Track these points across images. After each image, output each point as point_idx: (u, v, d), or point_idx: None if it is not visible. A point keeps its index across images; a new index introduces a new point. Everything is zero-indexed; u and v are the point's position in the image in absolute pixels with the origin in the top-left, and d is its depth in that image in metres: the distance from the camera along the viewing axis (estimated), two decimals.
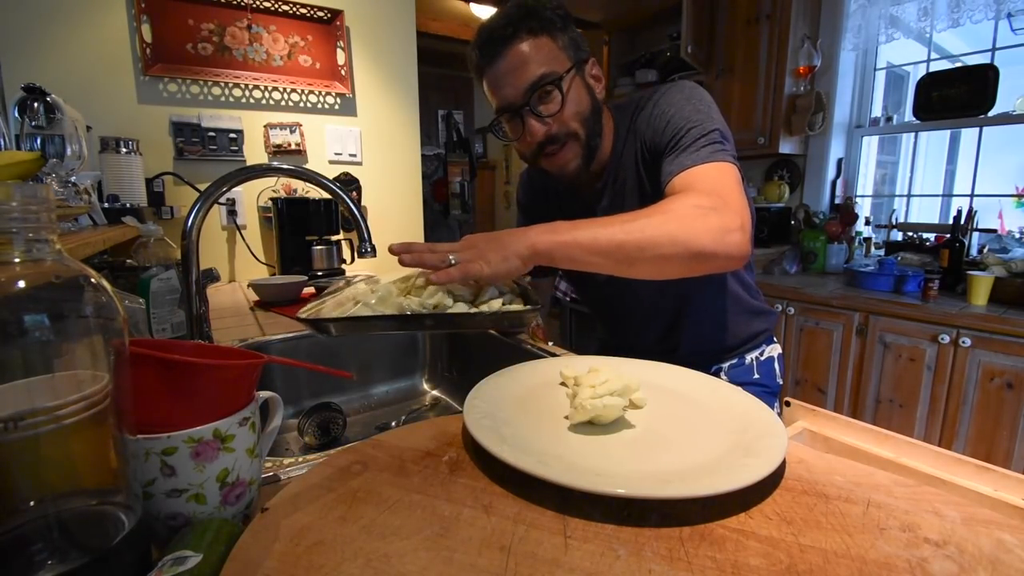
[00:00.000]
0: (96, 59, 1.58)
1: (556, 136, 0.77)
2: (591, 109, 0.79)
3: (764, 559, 0.32)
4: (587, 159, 0.80)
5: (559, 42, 0.75)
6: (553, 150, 0.78)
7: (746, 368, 0.94)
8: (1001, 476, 0.52)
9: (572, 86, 0.76)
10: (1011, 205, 2.26)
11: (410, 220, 2.23)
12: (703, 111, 0.73)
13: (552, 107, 0.75)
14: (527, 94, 0.74)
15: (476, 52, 0.77)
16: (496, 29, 0.74)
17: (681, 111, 0.74)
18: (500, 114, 0.79)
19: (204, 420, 0.37)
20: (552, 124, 0.76)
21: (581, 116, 0.78)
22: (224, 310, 1.31)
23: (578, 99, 0.77)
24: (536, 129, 0.76)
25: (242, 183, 0.85)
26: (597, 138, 0.80)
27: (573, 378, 0.54)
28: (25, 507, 0.29)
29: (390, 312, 0.57)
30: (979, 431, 1.66)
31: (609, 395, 0.47)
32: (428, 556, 0.32)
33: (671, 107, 0.75)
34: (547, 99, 0.75)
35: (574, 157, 0.79)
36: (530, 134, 0.77)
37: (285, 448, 0.90)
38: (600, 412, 0.47)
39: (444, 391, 1.15)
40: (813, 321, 2.02)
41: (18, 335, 0.28)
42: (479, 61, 0.77)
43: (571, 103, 0.76)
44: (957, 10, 2.06)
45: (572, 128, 0.77)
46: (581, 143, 0.79)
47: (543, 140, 0.77)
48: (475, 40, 0.77)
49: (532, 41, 0.73)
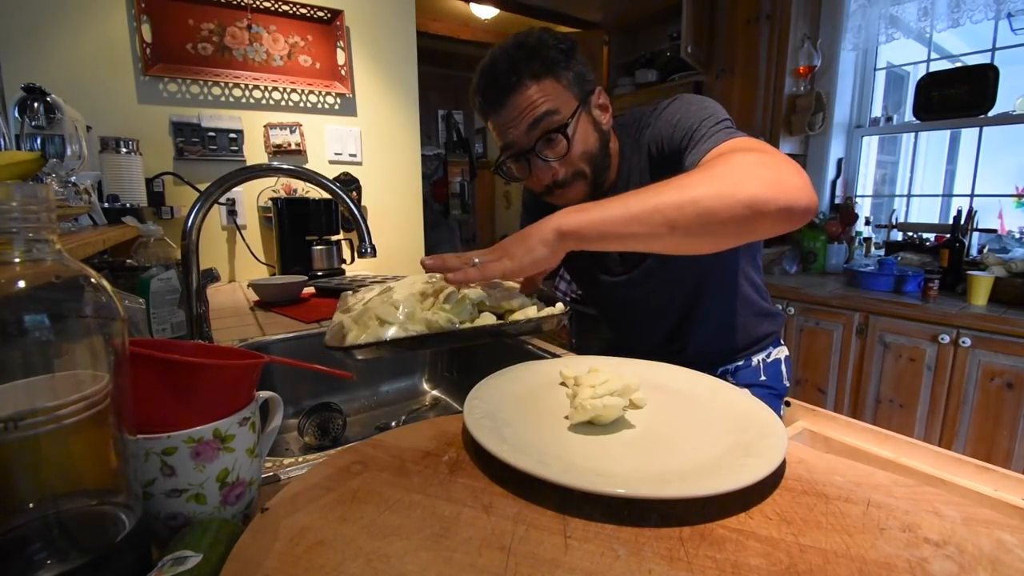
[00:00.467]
0: (96, 59, 1.58)
1: (563, 180, 0.76)
2: (599, 144, 0.77)
3: (764, 559, 0.32)
4: (593, 194, 0.79)
5: (563, 81, 0.73)
6: (560, 192, 0.78)
7: (753, 370, 0.93)
8: (1001, 476, 0.52)
9: (578, 126, 0.74)
10: (1011, 205, 2.26)
11: (410, 220, 2.23)
12: (709, 108, 0.72)
13: (559, 151, 0.74)
14: (533, 140, 0.73)
15: (480, 98, 0.76)
16: (500, 76, 0.72)
17: (687, 113, 0.73)
18: (505, 153, 0.78)
19: (204, 420, 0.37)
20: (559, 168, 0.75)
21: (588, 155, 0.76)
22: (224, 310, 1.31)
23: (585, 138, 0.76)
24: (543, 174, 0.75)
25: (242, 183, 0.85)
26: (605, 172, 0.79)
27: (573, 378, 0.54)
28: (25, 507, 0.29)
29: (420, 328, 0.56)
30: (979, 431, 1.66)
31: (609, 395, 0.47)
32: (428, 556, 0.32)
33: (676, 113, 0.74)
34: (553, 144, 0.74)
35: (580, 194, 0.78)
36: (538, 178, 0.76)
37: (285, 448, 0.90)
38: (600, 412, 0.47)
39: (444, 391, 1.15)
40: (813, 321, 2.02)
41: (18, 335, 0.27)
42: (483, 107, 0.76)
43: (578, 144, 0.75)
44: (957, 10, 2.06)
45: (580, 168, 0.76)
46: (588, 181, 0.78)
47: (550, 184, 0.77)
48: (477, 84, 0.76)
49: (536, 86, 0.72)
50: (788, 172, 0.55)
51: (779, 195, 0.53)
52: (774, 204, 0.53)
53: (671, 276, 0.86)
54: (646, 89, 2.95)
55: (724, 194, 0.53)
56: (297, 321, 1.16)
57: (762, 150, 0.60)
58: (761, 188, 0.53)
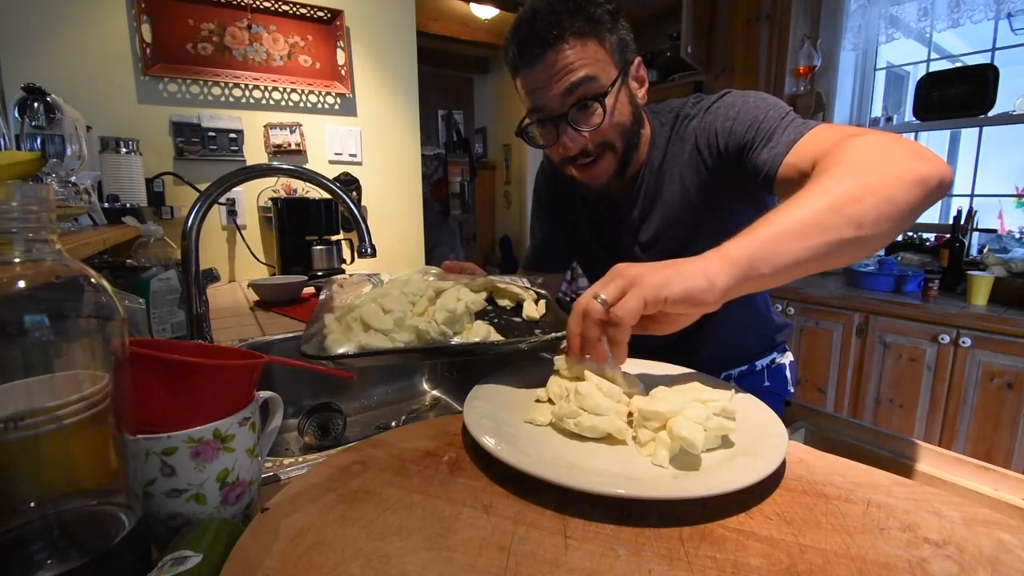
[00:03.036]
0: (96, 59, 1.58)
1: (591, 150, 0.71)
2: (632, 119, 0.73)
3: (764, 559, 0.32)
4: (620, 171, 0.75)
5: (607, 45, 0.68)
6: (586, 162, 0.73)
7: (757, 375, 0.92)
8: (1001, 476, 0.52)
9: (618, 95, 0.69)
10: (1011, 205, 2.26)
11: (410, 220, 2.23)
12: (769, 99, 0.67)
13: (593, 121, 0.69)
14: (566, 102, 0.68)
15: (514, 49, 0.69)
16: (540, 28, 0.65)
17: (745, 106, 0.67)
18: (532, 115, 0.72)
19: (204, 420, 0.37)
20: (589, 137, 0.70)
21: (621, 128, 0.71)
22: (224, 310, 1.31)
23: (620, 111, 0.70)
24: (572, 142, 0.70)
25: (242, 183, 0.85)
26: (634, 150, 0.75)
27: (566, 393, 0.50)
28: (25, 507, 0.29)
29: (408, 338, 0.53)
30: (979, 431, 1.66)
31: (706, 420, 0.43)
32: (428, 556, 0.32)
33: (732, 107, 0.68)
34: (588, 113, 0.69)
35: (607, 170, 0.74)
36: (564, 147, 0.71)
37: (285, 448, 0.90)
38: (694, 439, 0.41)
39: (444, 391, 1.14)
40: (813, 321, 2.02)
41: (18, 335, 0.27)
42: (516, 60, 0.69)
43: (613, 116, 0.69)
44: (957, 10, 2.06)
45: (610, 140, 0.72)
46: (617, 156, 0.73)
47: (576, 154, 0.72)
48: (513, 34, 0.68)
49: (579, 46, 0.66)
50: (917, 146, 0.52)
51: (933, 169, 0.50)
52: (935, 178, 0.50)
53: None
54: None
55: (890, 176, 0.49)
56: (297, 321, 1.15)
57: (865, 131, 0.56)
58: (918, 165, 0.49)
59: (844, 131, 0.58)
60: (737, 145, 0.67)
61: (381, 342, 0.53)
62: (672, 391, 0.48)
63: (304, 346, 0.53)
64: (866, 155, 0.51)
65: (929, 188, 0.50)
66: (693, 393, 0.47)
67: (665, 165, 0.77)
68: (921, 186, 0.49)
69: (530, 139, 0.76)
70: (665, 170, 0.77)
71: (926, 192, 0.49)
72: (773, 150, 0.62)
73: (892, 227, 0.50)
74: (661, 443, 0.42)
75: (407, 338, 0.54)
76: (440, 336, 0.54)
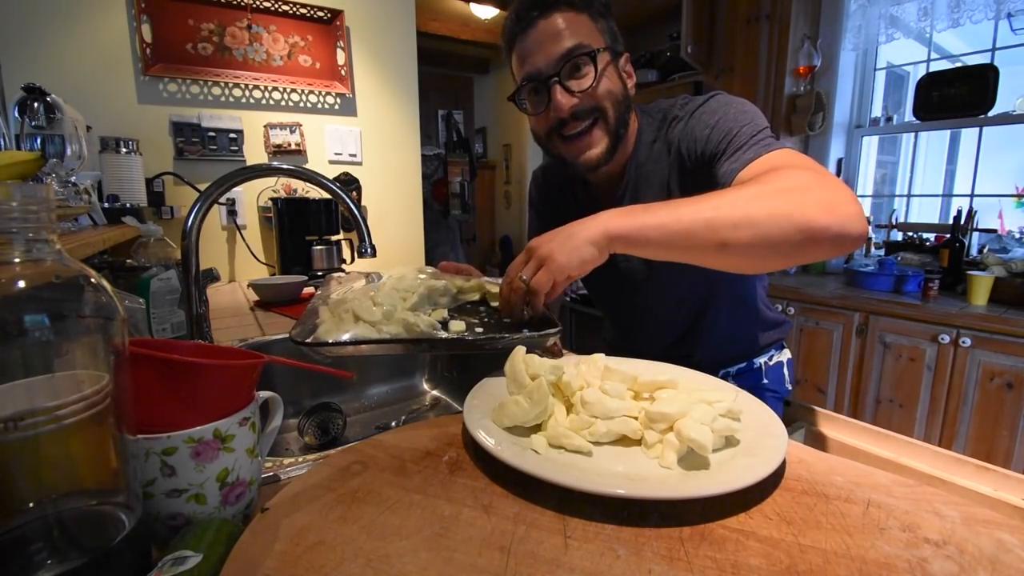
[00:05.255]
0: (96, 59, 1.58)
1: (582, 111, 0.72)
2: (623, 94, 0.75)
3: (764, 559, 0.32)
4: (611, 148, 0.75)
5: (599, 24, 0.73)
6: (576, 130, 0.74)
7: (754, 373, 0.92)
8: (1001, 476, 0.52)
9: (607, 67, 0.73)
10: (1011, 205, 2.26)
11: (410, 220, 2.23)
12: (749, 113, 0.69)
13: (584, 82, 0.71)
14: (559, 63, 0.70)
15: (513, 17, 0.74)
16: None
17: (726, 116, 0.69)
18: (526, 83, 0.74)
19: (204, 420, 0.37)
20: (580, 99, 0.72)
21: (613, 96, 0.73)
22: (224, 310, 1.31)
23: (611, 79, 0.73)
24: (563, 102, 0.71)
25: (242, 183, 0.85)
26: (624, 128, 0.76)
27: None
28: (25, 507, 0.29)
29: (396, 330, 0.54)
30: (979, 431, 1.66)
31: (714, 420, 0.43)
32: (428, 556, 0.32)
33: (713, 115, 0.71)
34: (579, 72, 0.71)
35: (598, 141, 0.74)
36: (555, 108, 0.72)
37: (285, 448, 0.90)
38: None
39: (444, 391, 1.14)
40: (813, 321, 2.02)
41: (18, 335, 0.27)
42: (514, 26, 0.73)
43: (604, 80, 0.72)
44: (957, 10, 2.06)
45: (602, 105, 0.73)
46: (609, 127, 0.74)
47: (567, 116, 0.72)
48: (513, 7, 0.74)
49: (572, 15, 0.71)
50: (844, 198, 0.53)
51: (834, 222, 0.51)
52: (829, 231, 0.51)
53: (683, 282, 0.84)
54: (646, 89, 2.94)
55: (779, 216, 0.51)
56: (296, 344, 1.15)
57: (813, 168, 0.57)
58: (817, 213, 0.51)
59: (795, 161, 0.60)
60: (711, 153, 0.69)
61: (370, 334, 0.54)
62: (677, 392, 0.48)
63: (293, 331, 0.56)
64: (778, 188, 0.54)
65: (816, 238, 0.51)
66: (699, 394, 0.47)
67: (650, 163, 0.79)
68: (804, 234, 0.51)
69: (523, 106, 0.78)
70: (650, 168, 0.79)
71: (810, 240, 0.52)
72: (732, 164, 0.65)
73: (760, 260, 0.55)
74: (669, 445, 0.42)
75: (395, 331, 0.55)
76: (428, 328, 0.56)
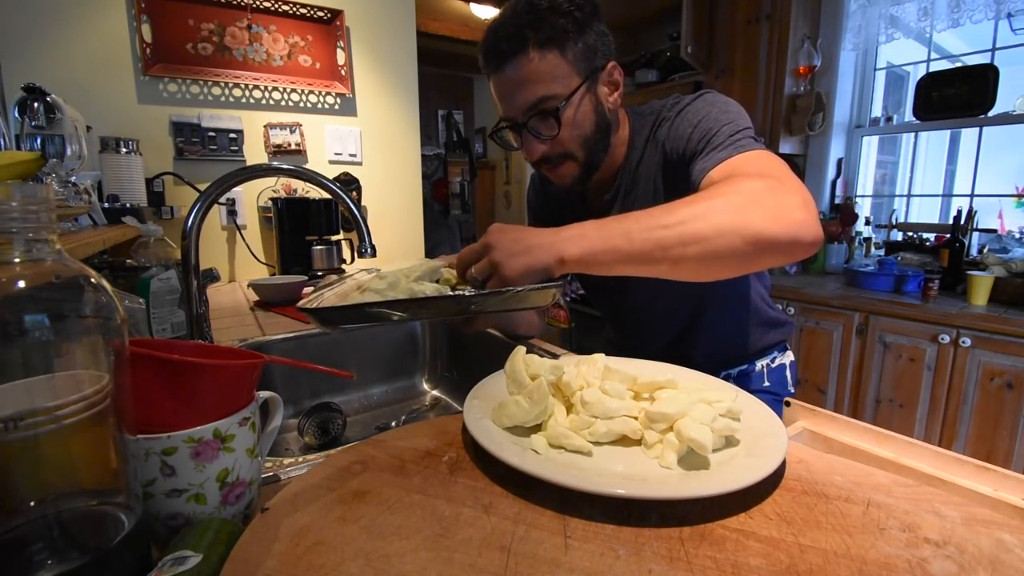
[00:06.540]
0: (96, 59, 1.58)
1: (551, 156, 0.76)
2: (595, 128, 0.76)
3: (764, 559, 0.32)
4: (584, 176, 0.79)
5: (569, 55, 0.70)
6: (549, 168, 0.78)
7: (757, 375, 0.92)
8: (1001, 476, 0.52)
9: (578, 106, 0.73)
10: (1011, 205, 2.26)
11: (410, 220, 2.23)
12: (731, 113, 0.70)
13: (550, 131, 0.73)
14: (526, 113, 0.72)
15: (482, 57, 0.74)
16: (502, 39, 0.70)
17: (708, 115, 0.70)
18: (502, 122, 0.78)
19: (204, 420, 0.37)
20: (549, 145, 0.75)
21: (581, 138, 0.75)
22: (224, 310, 1.31)
23: (580, 121, 0.74)
24: (533, 148, 0.75)
25: (242, 183, 0.85)
26: (601, 154, 0.78)
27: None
28: (25, 507, 0.29)
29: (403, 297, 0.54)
30: (979, 431, 1.66)
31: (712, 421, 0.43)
32: (428, 556, 0.32)
33: (697, 114, 0.71)
34: (545, 122, 0.73)
35: (570, 174, 0.78)
36: (527, 152, 0.76)
37: (285, 448, 0.90)
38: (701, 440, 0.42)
39: (444, 391, 1.14)
40: (813, 321, 2.02)
41: (18, 335, 0.27)
42: (484, 66, 0.75)
43: (570, 127, 0.73)
44: (957, 10, 2.06)
45: (570, 150, 0.76)
46: (579, 163, 0.77)
47: (537, 160, 0.77)
48: (482, 43, 0.74)
49: (538, 57, 0.69)
50: (793, 204, 0.54)
51: (783, 231, 0.53)
52: (778, 240, 0.53)
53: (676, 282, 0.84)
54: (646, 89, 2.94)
55: (727, 230, 0.53)
56: (297, 321, 1.15)
57: (771, 175, 0.58)
58: (764, 224, 0.52)
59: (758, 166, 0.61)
60: (691, 152, 0.70)
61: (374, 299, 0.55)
62: (677, 392, 0.48)
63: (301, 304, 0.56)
64: (728, 202, 0.55)
65: (765, 248, 0.53)
66: (699, 394, 0.47)
67: (641, 166, 0.80)
68: (753, 246, 0.53)
69: (502, 141, 0.81)
70: (641, 170, 0.80)
71: (761, 250, 0.53)
72: (704, 163, 0.66)
73: (716, 272, 0.57)
74: (669, 445, 0.42)
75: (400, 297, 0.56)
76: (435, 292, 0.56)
